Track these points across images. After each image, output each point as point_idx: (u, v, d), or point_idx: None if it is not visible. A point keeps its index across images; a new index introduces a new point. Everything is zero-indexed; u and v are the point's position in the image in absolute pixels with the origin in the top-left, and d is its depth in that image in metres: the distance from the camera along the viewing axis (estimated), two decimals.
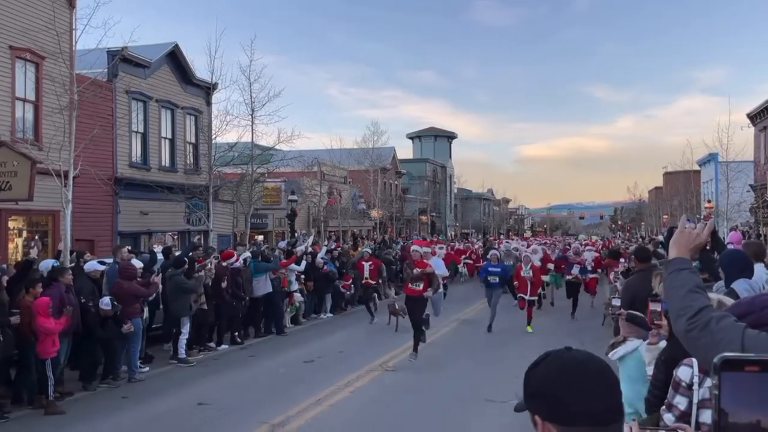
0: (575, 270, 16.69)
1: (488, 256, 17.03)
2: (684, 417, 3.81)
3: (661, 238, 17.62)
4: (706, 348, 2.15)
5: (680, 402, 3.81)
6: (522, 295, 14.74)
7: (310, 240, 19.05)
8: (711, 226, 2.45)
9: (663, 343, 4.71)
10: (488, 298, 15.18)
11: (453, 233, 57.44)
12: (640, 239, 35.11)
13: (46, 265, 9.68)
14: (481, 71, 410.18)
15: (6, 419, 8.05)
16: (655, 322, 4.88)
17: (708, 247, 2.54)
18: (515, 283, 15.29)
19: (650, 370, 4.87)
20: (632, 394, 4.83)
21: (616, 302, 6.38)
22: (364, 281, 17.16)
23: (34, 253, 10.04)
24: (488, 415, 8.03)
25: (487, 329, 14.22)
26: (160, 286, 11.42)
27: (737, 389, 1.27)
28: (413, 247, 12.43)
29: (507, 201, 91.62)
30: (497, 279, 15.05)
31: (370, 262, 17.11)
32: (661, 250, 11.67)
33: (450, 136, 72.32)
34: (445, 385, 9.49)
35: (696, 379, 3.85)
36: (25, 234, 16.16)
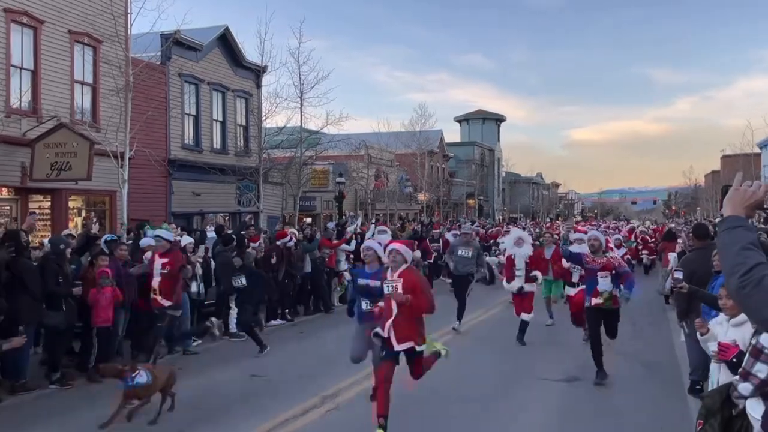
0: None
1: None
2: (763, 386, 3.61)
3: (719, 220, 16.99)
4: (759, 305, 2.07)
5: (760, 370, 3.62)
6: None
7: (359, 221, 19.15)
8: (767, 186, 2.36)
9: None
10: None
11: (501, 217, 56.82)
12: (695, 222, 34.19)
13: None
14: (530, 54, 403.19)
15: (70, 386, 8.37)
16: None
17: (765, 207, 2.44)
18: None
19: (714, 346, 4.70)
20: None
21: (679, 274, 6.19)
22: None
23: (95, 229, 10.37)
24: (544, 391, 8.04)
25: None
26: (198, 265, 11.59)
27: None
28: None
29: (557, 185, 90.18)
30: None
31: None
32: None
33: (498, 119, 71.39)
34: (498, 362, 9.47)
35: None
36: (84, 213, 16.72)
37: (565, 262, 10.80)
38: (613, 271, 8.34)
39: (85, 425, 6.76)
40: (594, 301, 8.42)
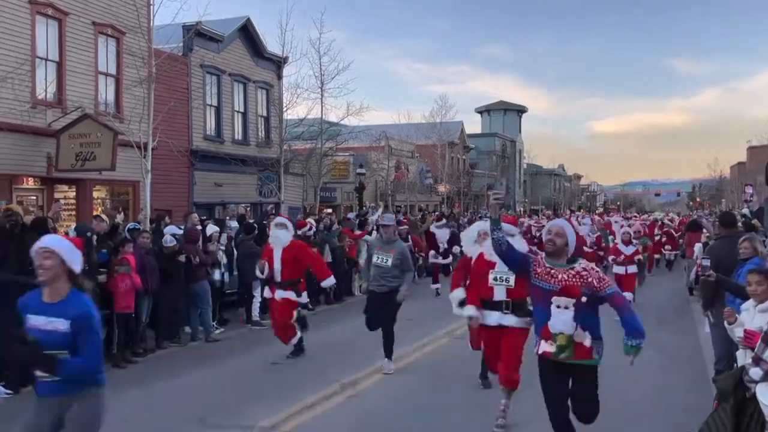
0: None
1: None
2: None
3: (745, 210, 16.65)
4: None
5: None
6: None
7: (380, 210, 19.16)
8: None
9: None
10: None
11: (522, 209, 56.50)
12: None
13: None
14: (552, 45, 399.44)
15: None
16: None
17: None
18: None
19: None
20: None
21: (706, 262, 6.10)
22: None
23: (119, 218, 10.52)
24: None
25: None
26: (220, 252, 11.71)
27: None
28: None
29: (578, 177, 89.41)
30: None
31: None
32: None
33: (520, 110, 70.84)
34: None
35: None
36: (108, 204, 16.92)
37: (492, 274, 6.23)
38: (585, 297, 4.66)
39: (110, 411, 6.85)
40: (543, 347, 4.81)
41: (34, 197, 14.89)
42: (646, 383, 7.83)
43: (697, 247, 14.27)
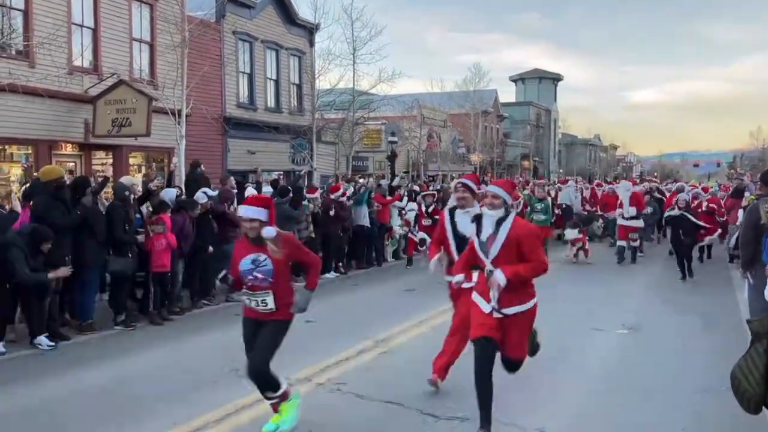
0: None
1: None
2: None
3: None
4: None
5: None
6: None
7: (406, 182, 19.12)
8: None
9: None
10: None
11: (556, 179, 55.74)
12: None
13: (170, 194, 10.24)
14: (588, 11, 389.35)
15: (132, 328, 8.75)
16: None
17: None
18: None
19: None
20: None
21: None
22: None
23: (156, 182, 10.72)
24: (598, 340, 7.96)
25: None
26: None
27: None
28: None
29: (615, 147, 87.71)
30: None
31: None
32: None
33: (556, 78, 69.44)
34: (556, 312, 9.39)
35: None
36: (144, 170, 17.19)
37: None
38: None
39: (146, 363, 7.06)
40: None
41: (72, 163, 15.19)
42: (682, 343, 7.75)
43: (740, 212, 13.96)
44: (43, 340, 7.65)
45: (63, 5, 14.20)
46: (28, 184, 10.07)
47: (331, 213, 13.29)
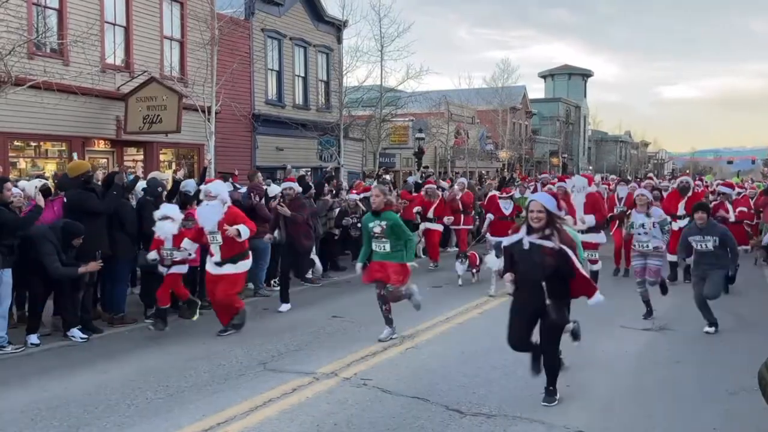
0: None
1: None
2: None
3: None
4: None
5: None
6: None
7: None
8: None
9: None
10: None
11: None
12: None
13: (192, 185, 10.33)
14: (619, 6, 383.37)
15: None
16: None
17: None
18: None
19: None
20: None
21: None
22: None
23: (180, 175, 10.81)
24: (627, 339, 7.91)
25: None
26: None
27: None
28: None
29: (646, 144, 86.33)
30: None
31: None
32: None
33: (585, 74, 68.68)
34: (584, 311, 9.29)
35: None
36: (174, 166, 17.43)
37: None
38: None
39: (175, 355, 7.16)
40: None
41: (105, 159, 15.47)
42: (715, 342, 7.62)
43: None
44: (76, 332, 7.81)
45: (96, 4, 14.45)
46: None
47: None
